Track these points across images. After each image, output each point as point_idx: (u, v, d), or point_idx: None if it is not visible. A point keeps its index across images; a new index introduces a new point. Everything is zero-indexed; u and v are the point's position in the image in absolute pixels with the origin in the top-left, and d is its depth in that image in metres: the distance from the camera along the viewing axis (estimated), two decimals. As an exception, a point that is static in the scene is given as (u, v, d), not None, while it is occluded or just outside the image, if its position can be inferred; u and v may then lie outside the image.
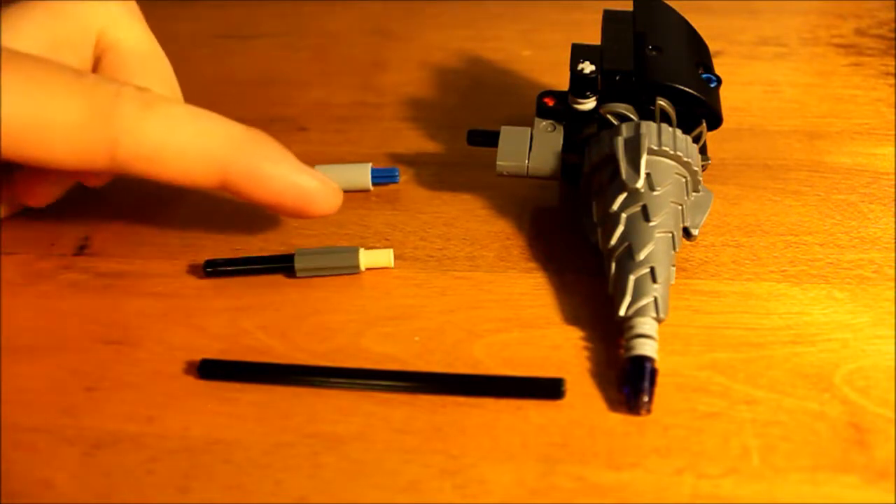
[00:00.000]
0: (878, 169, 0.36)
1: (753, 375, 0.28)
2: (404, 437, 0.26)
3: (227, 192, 0.30)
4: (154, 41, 0.34)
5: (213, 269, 0.32)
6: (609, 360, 0.28)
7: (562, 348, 0.29)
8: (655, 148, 0.30)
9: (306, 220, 0.35)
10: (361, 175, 0.36)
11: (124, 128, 0.27)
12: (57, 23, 0.31)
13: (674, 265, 0.30)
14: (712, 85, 0.33)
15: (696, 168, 0.31)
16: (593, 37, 0.35)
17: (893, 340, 0.29)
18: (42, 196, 0.33)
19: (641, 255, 0.29)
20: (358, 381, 0.28)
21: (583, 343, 0.29)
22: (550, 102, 0.34)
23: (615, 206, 0.30)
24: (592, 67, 0.33)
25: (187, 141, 0.28)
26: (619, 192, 0.30)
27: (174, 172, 0.28)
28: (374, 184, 0.36)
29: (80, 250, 0.34)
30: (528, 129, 0.33)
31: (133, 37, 0.33)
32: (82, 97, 0.27)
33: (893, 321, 0.29)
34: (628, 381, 0.27)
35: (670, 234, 0.29)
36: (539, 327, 0.30)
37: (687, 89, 0.31)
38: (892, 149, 0.37)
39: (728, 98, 0.35)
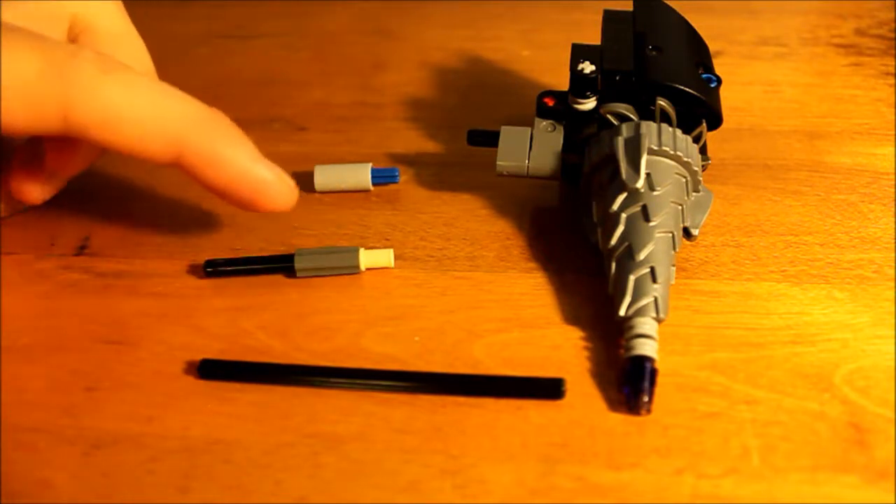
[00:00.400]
0: (878, 169, 0.36)
1: (753, 375, 0.28)
2: (404, 437, 0.26)
3: (181, 169, 0.29)
4: (129, 23, 0.33)
5: (213, 269, 0.32)
6: (609, 360, 0.28)
7: (562, 348, 0.29)
8: (655, 148, 0.30)
9: (307, 220, 0.35)
10: (361, 175, 0.36)
11: (79, 87, 0.26)
12: (28, 11, 0.30)
13: (674, 265, 0.30)
14: (712, 85, 0.33)
15: (696, 168, 0.31)
16: (593, 37, 0.35)
17: (893, 340, 0.29)
18: (35, 192, 0.33)
19: (641, 255, 0.29)
20: (358, 381, 0.28)
21: (583, 343, 0.29)
22: (550, 102, 0.34)
23: (615, 206, 0.30)
24: (592, 67, 0.33)
25: (145, 110, 0.27)
26: (619, 192, 0.30)
27: (129, 141, 0.28)
28: (374, 184, 0.36)
29: (80, 250, 0.34)
30: (528, 129, 0.33)
31: (107, 18, 0.32)
32: (38, 53, 0.26)
33: (893, 321, 0.29)
34: (628, 381, 0.27)
35: (670, 234, 0.29)
36: (539, 327, 0.30)
37: (687, 89, 0.31)
38: (892, 149, 0.37)
39: (728, 98, 0.35)
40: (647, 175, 0.30)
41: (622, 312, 0.28)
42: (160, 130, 0.28)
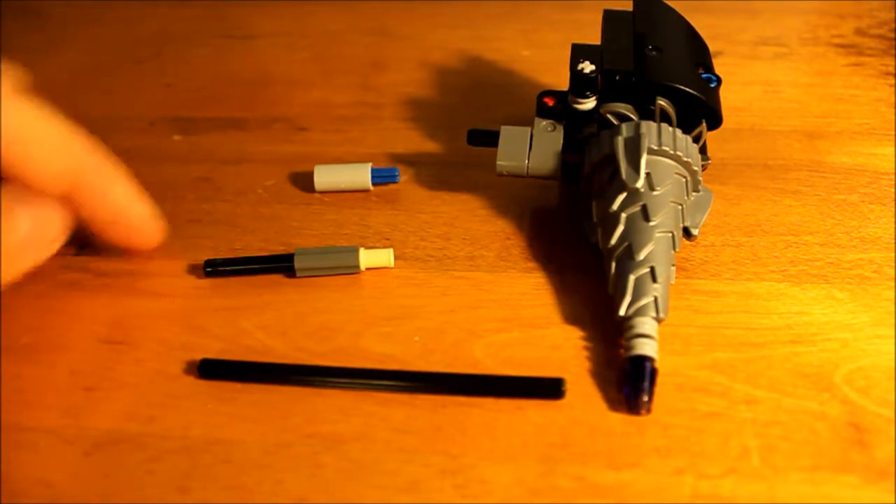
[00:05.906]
0: (878, 169, 0.36)
1: (753, 375, 0.28)
2: (404, 437, 0.26)
3: (70, 199, 0.30)
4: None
5: (213, 269, 0.32)
6: (609, 360, 0.28)
7: (562, 348, 0.29)
8: (655, 148, 0.30)
9: (307, 220, 0.35)
10: (361, 175, 0.36)
11: None
12: None
13: (674, 265, 0.30)
14: (712, 85, 0.33)
15: (696, 168, 0.31)
16: (593, 37, 0.35)
17: (893, 340, 0.29)
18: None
19: (641, 255, 0.29)
20: (358, 381, 0.28)
21: (583, 343, 0.29)
22: (550, 102, 0.34)
23: (615, 206, 0.30)
24: (592, 67, 0.33)
25: (54, 136, 0.29)
26: (619, 192, 0.30)
27: (31, 161, 0.29)
28: (374, 184, 0.36)
29: (80, 250, 0.34)
30: (528, 129, 0.33)
31: None
32: None
33: (893, 321, 0.29)
34: (628, 381, 0.27)
35: (670, 234, 0.29)
36: (539, 327, 0.30)
37: (687, 89, 0.31)
38: (892, 149, 0.37)
39: (728, 98, 0.35)
40: (647, 175, 0.30)
41: (622, 312, 0.28)
42: (63, 158, 0.29)
